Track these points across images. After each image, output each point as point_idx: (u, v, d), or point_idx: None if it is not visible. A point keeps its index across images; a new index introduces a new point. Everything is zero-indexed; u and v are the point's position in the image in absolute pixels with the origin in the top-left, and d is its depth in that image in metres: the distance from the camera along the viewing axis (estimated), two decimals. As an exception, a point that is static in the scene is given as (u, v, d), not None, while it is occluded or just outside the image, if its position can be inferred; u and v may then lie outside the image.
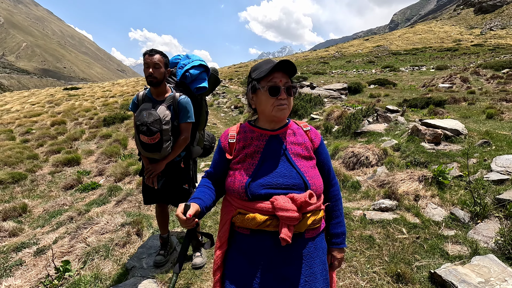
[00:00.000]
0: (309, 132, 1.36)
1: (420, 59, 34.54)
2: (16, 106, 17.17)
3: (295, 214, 1.11)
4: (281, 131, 1.31)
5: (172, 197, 2.42)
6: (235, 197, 1.25)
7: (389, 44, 57.85)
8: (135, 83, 27.90)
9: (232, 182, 1.26)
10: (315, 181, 1.23)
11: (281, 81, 1.23)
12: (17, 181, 5.92)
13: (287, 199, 1.14)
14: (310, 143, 1.33)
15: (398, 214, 3.26)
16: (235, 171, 1.27)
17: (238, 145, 1.31)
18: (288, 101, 1.25)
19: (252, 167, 1.24)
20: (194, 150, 2.47)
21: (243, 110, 12.94)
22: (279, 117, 1.25)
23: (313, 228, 1.24)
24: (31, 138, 9.42)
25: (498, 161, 3.77)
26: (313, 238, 1.25)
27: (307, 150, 1.29)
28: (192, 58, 2.36)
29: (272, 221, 1.15)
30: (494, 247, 2.54)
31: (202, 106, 2.50)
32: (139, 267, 2.61)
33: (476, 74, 15.47)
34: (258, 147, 1.28)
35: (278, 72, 1.23)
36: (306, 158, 1.28)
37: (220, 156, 1.35)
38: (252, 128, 1.34)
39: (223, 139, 1.36)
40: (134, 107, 2.27)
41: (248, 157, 1.27)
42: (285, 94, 1.23)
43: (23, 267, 2.94)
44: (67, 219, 3.89)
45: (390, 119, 6.56)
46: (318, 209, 1.23)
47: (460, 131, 5.04)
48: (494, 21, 66.50)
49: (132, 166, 5.69)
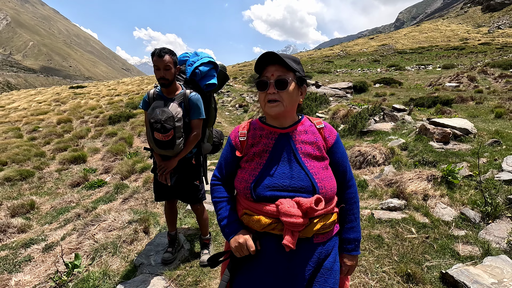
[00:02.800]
0: (323, 130, 1.27)
1: (426, 58, 34.17)
2: (23, 104, 17.36)
3: (299, 220, 1.05)
4: (291, 129, 1.24)
5: (183, 193, 2.43)
6: (241, 196, 1.23)
7: (395, 43, 57.33)
8: (140, 82, 28.04)
9: (238, 181, 1.23)
10: (326, 183, 1.16)
11: (273, 75, 1.16)
12: (24, 178, 5.99)
13: (292, 203, 1.08)
14: (323, 141, 1.24)
15: (406, 214, 3.22)
16: (242, 170, 1.24)
17: (247, 142, 1.27)
18: (280, 96, 1.16)
19: (259, 166, 1.19)
20: (205, 146, 2.48)
21: (247, 108, 12.93)
22: (270, 113, 1.19)
23: (323, 232, 1.16)
24: (38, 136, 9.52)
25: (509, 161, 3.71)
26: (324, 242, 1.17)
27: (318, 150, 1.21)
28: (201, 55, 2.36)
29: (278, 224, 1.10)
30: (506, 247, 2.50)
31: (211, 103, 2.50)
32: (147, 264, 2.61)
33: (484, 73, 15.25)
34: (266, 145, 1.22)
35: (273, 65, 1.17)
36: (317, 158, 1.20)
37: (231, 153, 1.30)
38: (262, 126, 1.28)
39: (233, 137, 1.32)
40: (145, 105, 2.27)
41: (256, 156, 1.22)
42: (273, 88, 1.15)
43: (32, 263, 2.96)
44: (74, 216, 3.92)
45: (397, 118, 6.49)
46: (329, 213, 1.16)
47: (470, 130, 4.97)
48: (502, 19, 65.50)
49: (138, 164, 5.72)
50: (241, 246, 1.14)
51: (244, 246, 1.13)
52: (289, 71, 1.17)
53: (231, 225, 1.21)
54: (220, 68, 2.48)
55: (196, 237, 3.02)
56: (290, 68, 1.17)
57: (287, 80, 1.15)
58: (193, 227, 3.24)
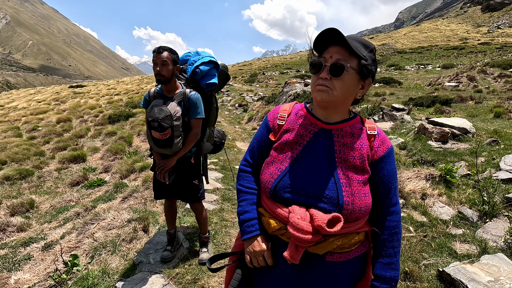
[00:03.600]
0: (374, 138, 1.05)
1: (426, 57, 34.20)
2: (22, 103, 17.35)
3: (307, 236, 0.89)
4: (336, 126, 1.04)
5: (182, 192, 2.44)
6: (262, 190, 1.10)
7: (395, 42, 57.35)
8: (140, 81, 28.03)
9: (263, 173, 1.08)
10: (356, 200, 0.95)
11: (331, 57, 0.97)
12: (24, 177, 5.99)
13: (306, 214, 0.93)
14: (368, 151, 1.03)
15: (405, 213, 3.24)
16: (270, 160, 1.09)
17: (283, 127, 1.11)
18: (332, 84, 0.96)
19: (287, 160, 1.04)
20: (205, 146, 2.48)
21: (247, 108, 12.93)
22: (316, 99, 1.01)
23: (340, 252, 0.99)
24: (38, 135, 9.52)
25: (507, 160, 3.72)
26: (340, 262, 1.00)
27: (360, 159, 1.00)
28: (202, 55, 2.36)
29: (287, 232, 0.98)
30: (503, 246, 2.51)
31: (212, 102, 2.50)
32: (146, 263, 2.63)
33: (483, 72, 15.26)
34: (302, 138, 1.05)
35: (335, 46, 0.98)
36: (355, 168, 0.99)
37: (267, 136, 1.15)
38: (305, 113, 1.10)
39: (271, 117, 1.16)
40: (146, 103, 2.29)
41: (287, 147, 1.06)
42: (326, 73, 0.96)
43: (32, 261, 2.97)
44: (74, 215, 3.93)
45: (396, 118, 6.51)
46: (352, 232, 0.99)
47: (468, 129, 4.98)
48: (502, 19, 65.54)
49: (138, 163, 5.72)
50: (256, 255, 1.04)
51: (261, 257, 1.03)
52: (352, 56, 0.97)
53: (250, 224, 1.08)
54: (221, 67, 2.48)
55: (195, 235, 3.03)
56: (354, 53, 0.96)
57: (345, 67, 0.95)
58: (192, 226, 3.26)
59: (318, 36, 0.97)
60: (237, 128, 9.46)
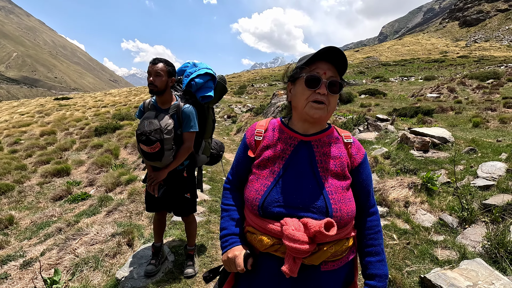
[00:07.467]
0: (350, 146, 1.11)
1: (409, 70, 35.53)
2: (4, 116, 16.87)
3: (304, 246, 0.90)
4: (315, 137, 1.08)
5: (174, 205, 2.41)
6: (247, 208, 1.10)
7: (379, 55, 59.39)
8: (128, 93, 27.81)
9: (248, 191, 1.09)
10: (343, 206, 1.00)
11: (325, 74, 1.01)
12: (4, 193, 5.79)
13: (299, 225, 0.93)
14: (347, 159, 1.08)
15: (388, 221, 3.30)
16: (253, 177, 1.09)
17: (262, 143, 1.12)
18: (328, 99, 1.01)
19: (272, 175, 1.05)
20: (200, 158, 2.45)
21: (236, 119, 13.00)
22: (312, 116, 1.02)
23: (334, 260, 1.02)
24: (20, 149, 9.25)
25: (484, 168, 3.88)
26: (334, 270, 1.02)
27: (341, 167, 1.05)
28: (199, 66, 2.33)
29: (281, 246, 0.97)
30: (481, 251, 2.59)
31: (209, 115, 2.47)
32: (130, 278, 2.56)
33: (463, 84, 15.97)
34: (283, 152, 1.07)
35: (326, 62, 1.02)
36: (338, 176, 1.04)
37: (244, 153, 1.17)
38: (282, 128, 1.13)
39: (248, 134, 1.18)
40: (141, 114, 2.27)
41: (270, 163, 1.07)
42: (325, 89, 1.00)
43: (9, 280, 2.85)
44: (55, 231, 3.80)
45: (380, 128, 6.69)
46: (343, 238, 1.02)
47: (447, 138, 5.17)
48: (478, 34, 69.16)
49: (124, 176, 5.63)
50: (230, 261, 1.05)
51: (233, 262, 1.03)
52: (338, 74, 1.04)
53: (228, 238, 1.10)
54: (219, 79, 2.43)
55: (180, 248, 2.99)
56: (341, 73, 1.04)
57: (341, 84, 1.03)
58: (178, 239, 3.21)
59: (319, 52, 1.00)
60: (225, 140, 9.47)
